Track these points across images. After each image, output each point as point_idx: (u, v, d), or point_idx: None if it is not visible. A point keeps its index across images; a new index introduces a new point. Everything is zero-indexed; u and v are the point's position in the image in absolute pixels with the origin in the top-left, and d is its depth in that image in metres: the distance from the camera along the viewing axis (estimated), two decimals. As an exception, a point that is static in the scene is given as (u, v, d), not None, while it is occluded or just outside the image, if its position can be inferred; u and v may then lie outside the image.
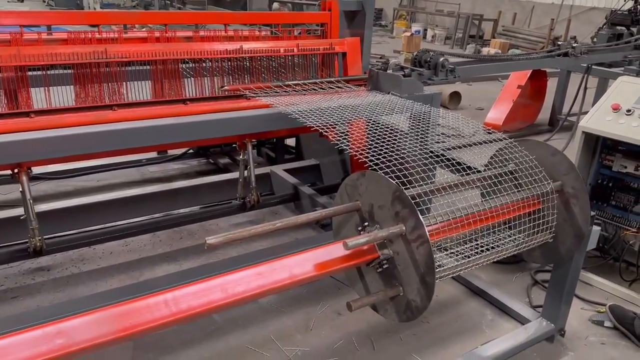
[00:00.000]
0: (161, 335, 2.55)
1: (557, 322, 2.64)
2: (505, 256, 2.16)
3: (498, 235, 2.16)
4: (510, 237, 2.21)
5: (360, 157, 1.97)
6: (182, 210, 3.59)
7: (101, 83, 2.62)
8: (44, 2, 18.93)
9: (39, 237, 2.59)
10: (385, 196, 1.81)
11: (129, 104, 2.67)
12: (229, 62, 2.98)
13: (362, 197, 1.93)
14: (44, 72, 2.50)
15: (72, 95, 2.59)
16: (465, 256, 2.02)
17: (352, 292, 2.14)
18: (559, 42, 5.76)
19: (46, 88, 2.50)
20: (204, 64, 2.90)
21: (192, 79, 2.89)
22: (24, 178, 2.42)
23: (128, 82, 2.70)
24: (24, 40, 2.69)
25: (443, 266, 1.88)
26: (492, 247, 2.11)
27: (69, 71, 2.57)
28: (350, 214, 2.00)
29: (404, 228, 1.76)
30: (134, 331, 1.50)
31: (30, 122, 2.38)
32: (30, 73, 2.49)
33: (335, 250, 1.86)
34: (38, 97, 2.52)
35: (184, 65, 2.86)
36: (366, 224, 1.93)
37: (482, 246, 2.10)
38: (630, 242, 3.17)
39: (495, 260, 2.13)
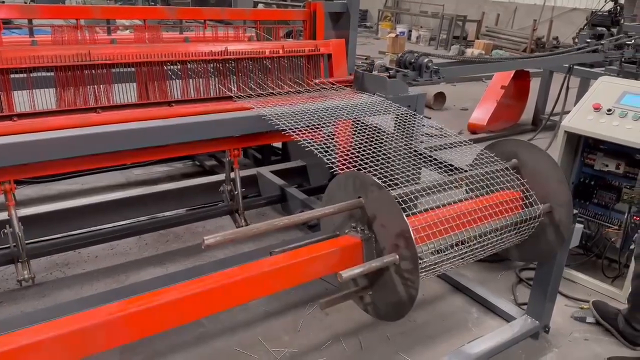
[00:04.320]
0: (148, 339, 2.52)
1: (541, 319, 2.68)
2: (488, 254, 2.19)
3: (483, 237, 2.17)
4: (495, 236, 2.24)
5: (343, 160, 1.98)
6: (168, 213, 3.57)
7: (85, 86, 2.60)
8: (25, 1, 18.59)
9: (23, 242, 2.56)
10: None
11: (113, 106, 2.66)
12: (214, 64, 2.98)
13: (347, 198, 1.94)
14: (26, 75, 2.47)
15: (55, 98, 2.56)
16: (447, 255, 2.03)
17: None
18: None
19: (29, 91, 2.47)
20: (188, 66, 2.90)
21: (177, 81, 2.88)
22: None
23: (113, 85, 2.68)
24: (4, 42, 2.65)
25: (426, 264, 1.89)
26: (476, 246, 2.13)
27: (52, 74, 2.54)
28: (338, 215, 2.01)
29: (397, 256, 1.77)
30: (120, 337, 1.49)
31: (14, 125, 2.36)
32: (13, 76, 2.46)
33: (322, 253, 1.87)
34: (20, 100, 2.49)
35: (168, 67, 2.85)
36: (353, 224, 1.94)
37: (465, 245, 2.11)
38: (612, 239, 3.22)
39: (478, 258, 2.16)
